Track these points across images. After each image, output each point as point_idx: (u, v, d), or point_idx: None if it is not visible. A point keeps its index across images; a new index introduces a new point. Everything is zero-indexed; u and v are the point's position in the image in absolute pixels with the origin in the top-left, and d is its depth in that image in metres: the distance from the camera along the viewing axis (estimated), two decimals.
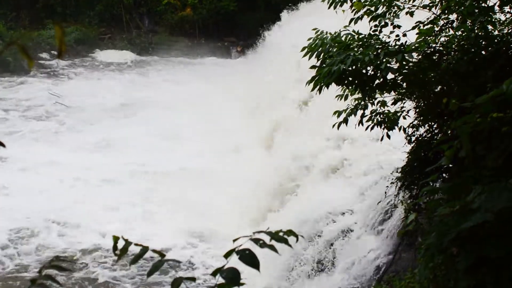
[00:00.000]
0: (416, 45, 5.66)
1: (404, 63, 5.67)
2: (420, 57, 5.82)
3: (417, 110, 6.75)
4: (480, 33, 5.43)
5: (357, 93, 6.33)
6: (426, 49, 5.72)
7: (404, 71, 5.82)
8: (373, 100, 6.62)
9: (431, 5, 5.85)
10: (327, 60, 5.81)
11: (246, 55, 28.50)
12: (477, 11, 5.37)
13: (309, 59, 6.12)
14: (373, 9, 5.97)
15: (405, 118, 6.85)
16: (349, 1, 6.01)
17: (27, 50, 1.87)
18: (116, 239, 2.08)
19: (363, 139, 11.14)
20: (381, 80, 5.77)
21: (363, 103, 6.63)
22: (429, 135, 6.83)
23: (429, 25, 5.79)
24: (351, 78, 5.74)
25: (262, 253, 1.98)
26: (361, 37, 5.96)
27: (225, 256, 1.92)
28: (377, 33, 5.98)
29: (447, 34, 5.85)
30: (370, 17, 5.99)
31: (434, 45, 5.83)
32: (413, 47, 5.65)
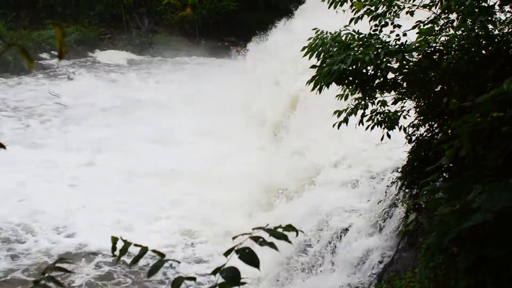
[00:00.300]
0: (416, 45, 5.65)
1: (404, 62, 5.67)
2: (420, 56, 5.81)
3: (418, 109, 6.74)
4: (480, 33, 5.43)
5: (357, 92, 6.33)
6: (426, 48, 5.72)
7: (404, 71, 5.82)
8: (373, 99, 6.62)
9: (431, 4, 5.85)
10: (327, 59, 5.81)
11: (246, 55, 28.47)
12: (477, 10, 5.36)
13: (309, 59, 6.12)
14: (373, 8, 5.97)
15: (405, 117, 6.84)
16: (349, 0, 6.01)
17: (27, 50, 1.87)
18: (114, 239, 2.07)
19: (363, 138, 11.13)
20: (381, 79, 5.77)
21: (363, 102, 6.63)
22: (429, 135, 6.83)
23: (429, 25, 5.78)
24: (351, 77, 5.74)
25: (261, 250, 1.97)
26: (361, 36, 5.96)
27: (225, 254, 1.91)
28: (377, 32, 5.98)
29: (447, 33, 5.85)
30: (370, 16, 5.99)
31: (434, 45, 5.83)
32: (413, 47, 5.64)
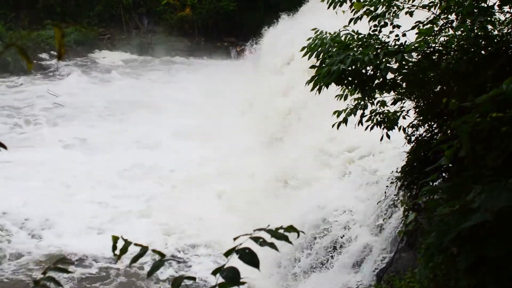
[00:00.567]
0: (415, 45, 5.65)
1: (403, 63, 5.67)
2: (419, 57, 5.82)
3: (417, 110, 6.75)
4: (479, 33, 5.43)
5: (356, 93, 6.34)
6: (425, 49, 5.72)
7: (403, 71, 5.83)
8: (373, 100, 6.63)
9: (430, 5, 5.85)
10: (327, 60, 5.81)
11: (245, 55, 28.46)
12: (477, 11, 5.36)
13: (308, 59, 6.12)
14: (372, 9, 5.97)
15: (404, 118, 6.85)
16: (348, 1, 6.01)
17: (26, 51, 1.87)
18: (115, 239, 2.07)
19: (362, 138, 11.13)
20: (381, 80, 5.77)
21: (362, 103, 6.64)
22: (428, 135, 6.83)
23: (429, 25, 5.78)
24: (350, 78, 5.75)
25: (261, 251, 1.97)
26: (360, 37, 5.96)
27: (225, 255, 1.91)
28: (377, 33, 5.98)
29: (446, 34, 5.85)
30: (369, 17, 5.99)
31: (433, 45, 5.83)
32: (413, 47, 5.65)
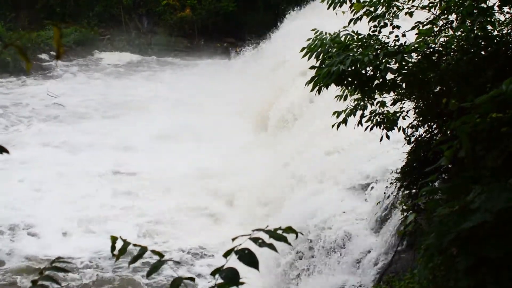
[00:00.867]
0: (415, 46, 5.65)
1: (403, 63, 5.67)
2: (419, 57, 5.81)
3: (417, 110, 6.74)
4: (479, 33, 5.43)
5: (356, 93, 6.33)
6: (425, 49, 5.72)
7: (403, 72, 5.82)
8: (373, 100, 6.62)
9: (430, 5, 5.85)
10: (327, 60, 5.81)
11: (245, 56, 28.46)
12: (476, 11, 5.36)
13: (308, 60, 6.11)
14: (372, 9, 5.96)
15: (404, 118, 6.84)
16: (348, 1, 6.01)
17: (25, 51, 1.87)
18: (114, 239, 2.07)
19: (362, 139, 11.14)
20: (381, 80, 5.77)
21: (362, 103, 6.63)
22: (428, 136, 6.83)
23: (429, 26, 5.78)
24: (350, 78, 5.74)
25: (260, 252, 1.96)
26: (360, 37, 5.96)
27: (224, 255, 1.91)
28: (377, 33, 5.98)
29: (446, 34, 5.85)
30: (369, 17, 5.99)
31: (433, 46, 5.83)
32: (413, 48, 5.65)
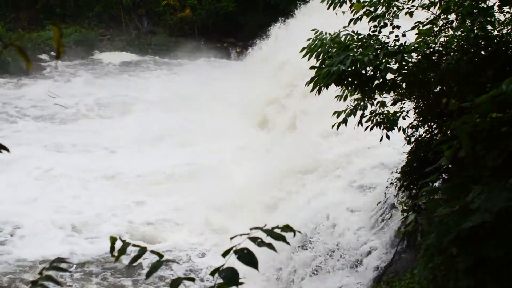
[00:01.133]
0: (415, 46, 5.65)
1: (403, 63, 5.67)
2: (419, 57, 5.81)
3: (417, 110, 6.75)
4: (479, 33, 5.43)
5: (356, 93, 6.33)
6: (425, 49, 5.72)
7: (403, 72, 5.82)
8: (373, 100, 6.62)
9: (430, 5, 5.85)
10: (327, 60, 5.81)
11: (245, 56, 28.45)
12: (476, 11, 5.36)
13: (308, 60, 6.11)
14: (372, 9, 5.96)
15: (404, 118, 6.84)
16: (348, 1, 6.01)
17: (25, 51, 1.86)
18: (113, 240, 2.06)
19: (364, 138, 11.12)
20: (381, 80, 5.77)
21: (362, 103, 6.63)
22: (428, 136, 6.83)
23: (429, 26, 5.78)
24: (350, 78, 5.74)
25: (258, 251, 1.96)
26: (360, 37, 5.96)
27: (223, 255, 1.90)
28: (377, 33, 5.98)
29: (446, 34, 5.85)
30: (369, 17, 5.99)
31: (433, 45, 5.83)
32: (413, 48, 5.65)
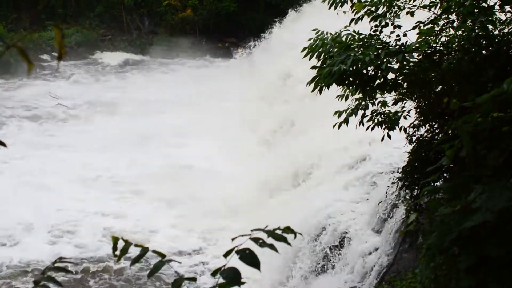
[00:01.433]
0: (416, 45, 5.65)
1: (404, 63, 5.66)
2: (420, 57, 5.81)
3: (418, 110, 6.74)
4: (480, 33, 5.43)
5: (357, 93, 6.33)
6: (426, 49, 5.71)
7: (404, 71, 5.82)
8: (374, 100, 6.62)
9: (431, 5, 5.85)
10: (328, 60, 5.80)
11: (246, 56, 28.45)
12: (478, 10, 5.36)
13: (309, 60, 6.11)
14: (373, 9, 5.96)
15: (405, 118, 6.84)
16: (349, 1, 6.01)
17: (26, 53, 1.87)
18: (115, 239, 2.06)
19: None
20: (382, 80, 5.77)
21: (363, 103, 6.63)
22: (430, 135, 6.82)
23: (430, 25, 5.78)
24: (351, 78, 5.74)
25: (260, 252, 1.96)
26: (361, 37, 5.96)
27: (225, 255, 1.90)
28: (378, 33, 5.98)
29: (447, 34, 5.85)
30: (370, 17, 5.99)
31: (434, 45, 5.82)
32: (414, 47, 5.64)
